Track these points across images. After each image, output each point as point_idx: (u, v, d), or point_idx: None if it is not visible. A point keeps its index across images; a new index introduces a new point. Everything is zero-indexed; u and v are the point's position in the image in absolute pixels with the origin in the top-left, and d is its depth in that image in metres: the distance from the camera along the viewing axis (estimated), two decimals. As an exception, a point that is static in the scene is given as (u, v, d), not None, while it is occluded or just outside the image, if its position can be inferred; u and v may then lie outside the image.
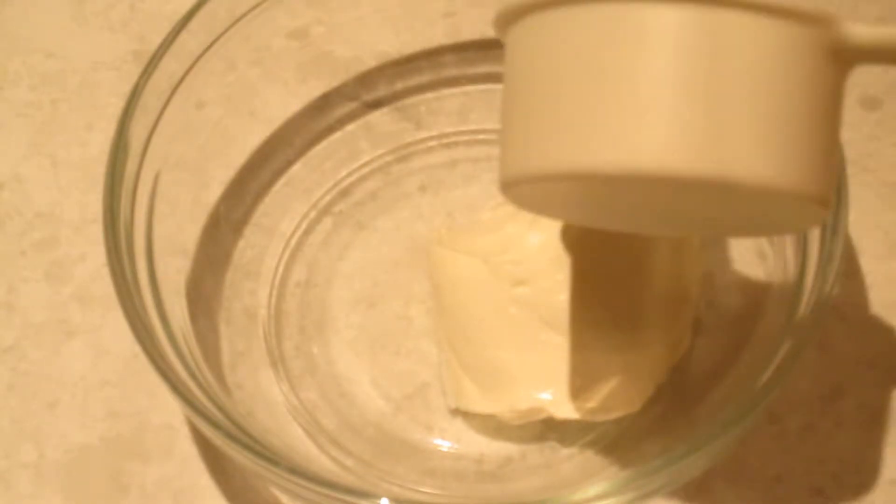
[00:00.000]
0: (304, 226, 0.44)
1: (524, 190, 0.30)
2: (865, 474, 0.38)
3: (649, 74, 0.27)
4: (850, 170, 0.35)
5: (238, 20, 0.41)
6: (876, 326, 0.41)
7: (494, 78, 0.46)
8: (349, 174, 0.45)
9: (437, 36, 0.47)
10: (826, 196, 0.28)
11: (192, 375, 0.35)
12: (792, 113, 0.27)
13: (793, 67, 0.27)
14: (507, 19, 0.29)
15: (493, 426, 0.39)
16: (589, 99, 0.27)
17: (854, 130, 0.44)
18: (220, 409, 0.34)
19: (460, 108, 0.46)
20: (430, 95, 0.46)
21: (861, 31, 0.28)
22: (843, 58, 0.28)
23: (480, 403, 0.39)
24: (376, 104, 0.46)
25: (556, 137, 0.28)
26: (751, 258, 0.40)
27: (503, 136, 0.30)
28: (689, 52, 0.27)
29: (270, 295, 0.42)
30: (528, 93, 0.29)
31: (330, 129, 0.46)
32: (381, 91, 0.46)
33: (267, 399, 0.40)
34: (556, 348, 0.38)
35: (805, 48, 0.27)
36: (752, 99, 0.27)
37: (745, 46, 0.27)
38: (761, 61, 0.27)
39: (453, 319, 0.40)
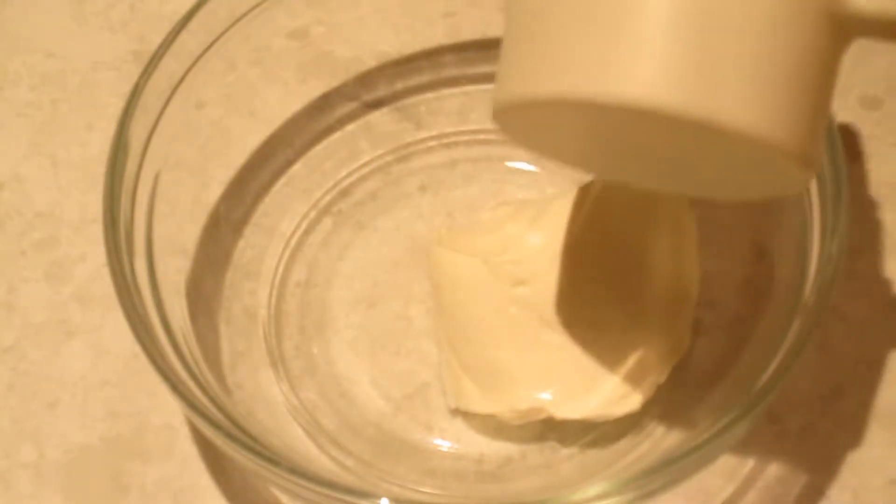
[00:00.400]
0: (304, 226, 0.44)
1: (514, 118, 0.30)
2: (865, 474, 0.38)
3: (647, 6, 0.26)
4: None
5: (238, 20, 0.41)
6: (876, 326, 0.41)
7: (494, 78, 0.46)
8: (349, 174, 0.45)
9: (437, 36, 0.47)
10: (810, 157, 0.28)
11: (192, 375, 0.35)
12: (786, 66, 0.27)
13: (791, 20, 0.27)
14: None
15: (493, 426, 0.39)
16: (580, 27, 0.27)
17: (854, 130, 0.44)
18: (220, 409, 0.34)
19: (460, 108, 0.46)
20: (430, 95, 0.46)
21: (862, 1, 0.28)
22: (844, 28, 0.28)
23: (480, 403, 0.39)
24: (376, 104, 0.46)
25: (545, 63, 0.27)
26: (751, 258, 0.40)
27: (499, 66, 0.29)
28: None
29: (270, 295, 0.42)
30: (524, 19, 0.29)
31: (330, 129, 0.46)
32: (381, 91, 0.46)
33: (267, 399, 0.40)
34: (556, 348, 0.38)
35: (805, 2, 0.27)
36: (748, 45, 0.27)
37: None
38: (760, 8, 0.27)
39: (453, 319, 0.40)
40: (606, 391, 0.38)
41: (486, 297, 0.39)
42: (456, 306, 0.40)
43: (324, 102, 0.46)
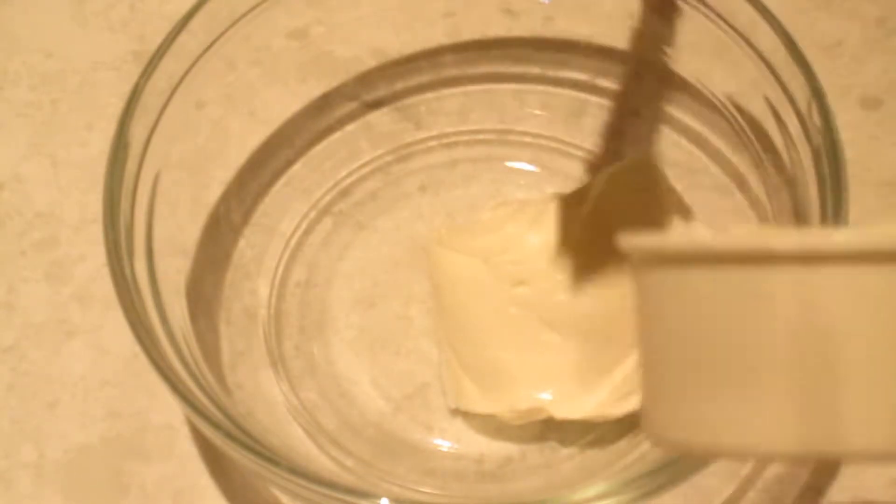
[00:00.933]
0: (304, 226, 0.44)
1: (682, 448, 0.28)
2: (865, 474, 0.38)
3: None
4: (851, 170, 0.35)
5: (238, 20, 0.41)
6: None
7: (494, 78, 0.46)
8: (349, 174, 0.45)
9: (437, 36, 0.47)
10: None
11: (192, 375, 0.35)
12: None
13: None
14: (646, 260, 0.26)
15: (493, 426, 0.39)
16: (765, 380, 0.24)
17: (854, 130, 0.44)
18: (220, 409, 0.34)
19: (460, 108, 0.46)
20: (430, 95, 0.46)
21: None
22: None
23: (480, 403, 0.38)
24: (376, 104, 0.46)
25: (737, 417, 0.24)
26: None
27: (652, 381, 0.26)
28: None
29: (270, 295, 0.42)
30: (689, 352, 0.25)
31: (330, 129, 0.46)
32: (381, 91, 0.46)
33: (267, 399, 0.40)
34: (556, 348, 0.38)
35: None
36: None
37: None
38: None
39: (453, 319, 0.40)
40: (606, 391, 0.37)
41: (486, 297, 0.39)
42: (456, 306, 0.40)
43: (324, 102, 0.46)
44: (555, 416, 0.38)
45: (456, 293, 0.40)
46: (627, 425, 0.38)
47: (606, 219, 0.39)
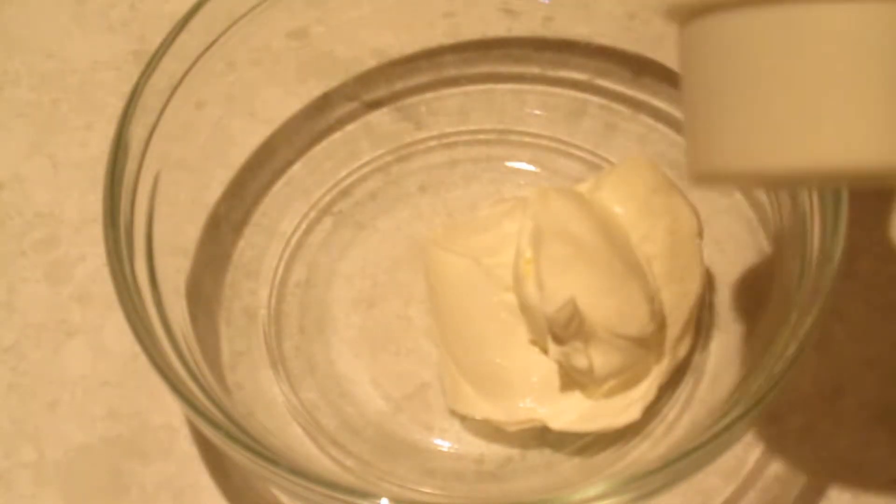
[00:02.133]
0: (304, 226, 0.44)
1: (721, 181, 0.30)
2: (865, 474, 0.38)
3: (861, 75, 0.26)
4: (850, 170, 0.35)
5: (238, 20, 0.41)
6: (876, 326, 0.41)
7: (494, 78, 0.46)
8: (349, 174, 0.45)
9: (437, 36, 0.47)
10: None
11: (192, 375, 0.35)
12: None
13: None
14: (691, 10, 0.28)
15: (492, 427, 0.39)
16: (797, 98, 0.26)
17: (854, 130, 0.44)
18: (220, 409, 0.34)
19: (460, 108, 0.46)
20: (430, 95, 0.46)
21: None
22: None
23: (477, 408, 0.38)
24: (376, 104, 0.46)
25: (774, 135, 0.27)
26: (751, 258, 0.40)
27: (695, 126, 0.29)
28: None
29: (270, 295, 0.42)
30: (728, 88, 0.28)
31: (330, 129, 0.46)
32: (381, 91, 0.46)
33: (267, 399, 0.40)
34: (548, 357, 0.38)
35: None
36: None
37: None
38: None
39: (449, 321, 0.39)
40: (605, 401, 0.37)
41: (479, 300, 0.39)
42: (450, 307, 0.39)
43: (324, 102, 0.46)
44: (552, 427, 0.37)
45: (449, 294, 0.40)
46: (627, 426, 0.38)
47: (604, 221, 0.39)
